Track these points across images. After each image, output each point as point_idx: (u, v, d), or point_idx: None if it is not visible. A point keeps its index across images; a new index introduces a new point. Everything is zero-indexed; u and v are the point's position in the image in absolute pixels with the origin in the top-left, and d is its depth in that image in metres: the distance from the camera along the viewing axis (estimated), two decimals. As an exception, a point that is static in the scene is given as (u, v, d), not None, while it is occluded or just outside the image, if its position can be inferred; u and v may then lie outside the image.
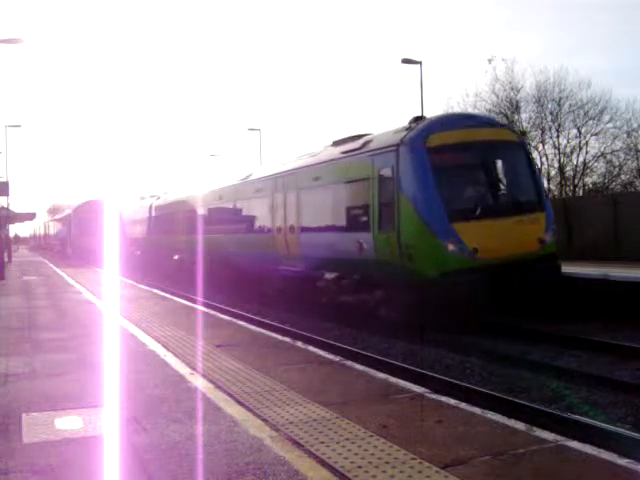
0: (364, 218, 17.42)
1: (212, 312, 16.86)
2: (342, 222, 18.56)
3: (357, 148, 18.07)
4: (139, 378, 8.71)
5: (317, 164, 20.14)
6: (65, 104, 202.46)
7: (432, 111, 40.18)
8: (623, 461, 5.35)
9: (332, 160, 19.33)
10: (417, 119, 17.48)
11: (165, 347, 11.05)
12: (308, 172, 20.44)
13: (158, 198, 40.10)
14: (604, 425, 8.65)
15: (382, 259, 16.46)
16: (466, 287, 14.90)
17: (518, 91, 44.52)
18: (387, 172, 16.47)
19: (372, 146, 17.47)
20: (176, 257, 33.42)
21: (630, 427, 8.79)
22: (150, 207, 40.44)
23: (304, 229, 20.35)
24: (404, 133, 16.47)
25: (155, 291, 23.76)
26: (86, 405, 7.37)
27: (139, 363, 9.74)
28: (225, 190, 27.91)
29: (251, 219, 24.92)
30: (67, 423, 6.70)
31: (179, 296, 22.11)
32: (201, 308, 17.82)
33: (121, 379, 8.45)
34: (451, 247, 15.36)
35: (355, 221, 18.04)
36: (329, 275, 18.95)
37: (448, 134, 16.29)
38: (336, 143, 20.22)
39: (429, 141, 15.99)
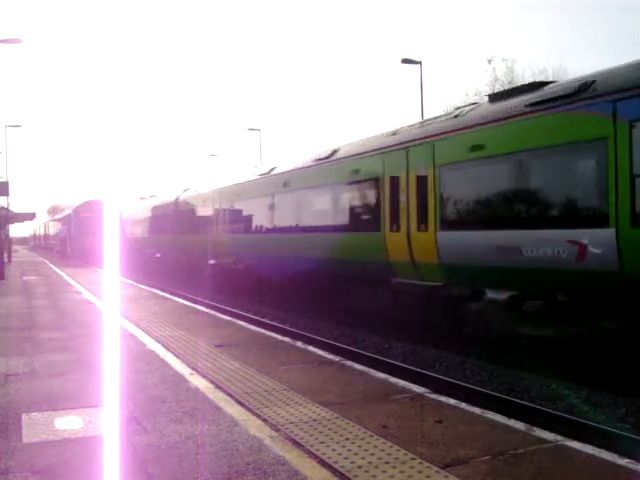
0: (590, 205, 11.34)
1: (212, 312, 16.88)
2: (534, 212, 12.38)
3: (566, 95, 11.54)
4: (139, 378, 8.70)
5: (473, 126, 13.48)
6: (65, 104, 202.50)
7: (432, 111, 40.04)
8: (623, 461, 5.37)
9: (508, 118, 12.69)
10: None
11: (165, 347, 11.05)
12: (456, 140, 13.90)
13: (186, 190, 33.98)
14: (604, 425, 8.66)
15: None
16: None
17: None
18: None
19: (609, 87, 10.91)
20: (212, 261, 27.77)
21: (630, 427, 8.79)
22: (175, 202, 34.36)
23: (448, 224, 14.01)
24: None
25: (155, 291, 23.77)
26: (86, 405, 7.37)
27: (139, 363, 9.74)
28: (292, 175, 21.08)
29: (337, 212, 18.60)
30: (67, 423, 6.69)
31: (179, 296, 22.13)
32: (201, 308, 17.83)
33: (121, 379, 8.44)
34: None
35: (565, 210, 11.83)
36: (495, 294, 13.27)
37: None
38: (496, 97, 14.00)
39: None
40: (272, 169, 23.04)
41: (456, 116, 14.47)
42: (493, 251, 12.67)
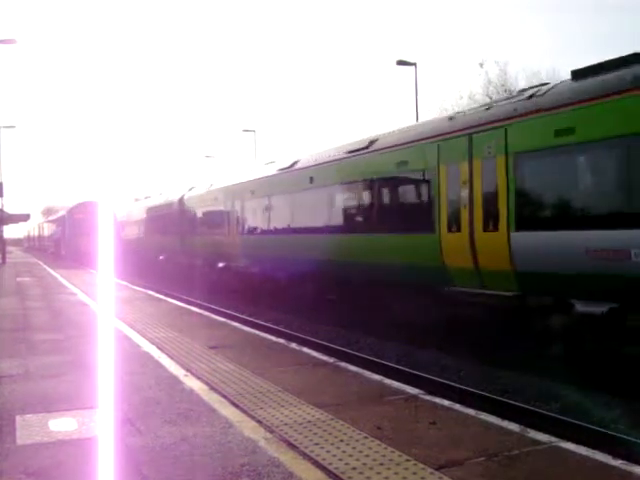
0: None
1: (206, 313, 16.87)
2: None
3: None
4: (134, 380, 8.70)
5: (560, 107, 11.31)
6: (60, 105, 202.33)
7: (425, 114, 40.06)
8: (617, 462, 5.39)
9: (609, 95, 10.51)
10: None
11: (160, 348, 11.04)
12: (538, 124, 11.67)
13: (191, 188, 31.63)
14: (598, 427, 8.68)
15: None
16: None
17: (511, 93, 44.49)
18: None
19: None
20: (222, 264, 25.81)
21: (624, 428, 8.81)
22: (180, 201, 31.98)
23: (526, 224, 11.72)
24: None
25: (150, 292, 23.74)
26: (80, 407, 7.35)
27: (134, 364, 9.73)
28: (320, 170, 18.62)
29: (376, 211, 16.26)
30: (61, 425, 6.68)
31: (174, 298, 22.10)
32: (195, 309, 17.82)
33: (115, 381, 8.42)
34: None
35: None
36: (588, 307, 10.79)
37: None
38: (580, 74, 11.57)
39: None
40: (294, 163, 20.60)
41: (531, 96, 12.20)
42: (589, 255, 10.53)
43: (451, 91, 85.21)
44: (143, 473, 5.31)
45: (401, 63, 35.61)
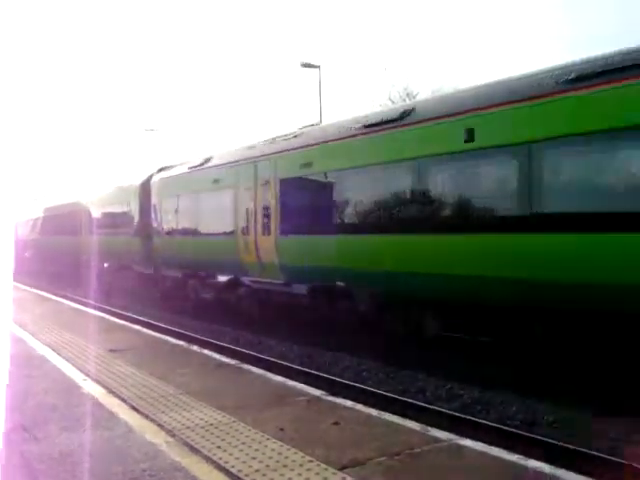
0: None
1: (106, 316, 16.52)
2: None
3: None
4: (28, 385, 8.42)
5: None
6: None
7: (329, 116, 40.25)
8: (513, 457, 5.57)
9: None
10: None
11: (56, 352, 10.74)
12: None
13: (162, 169, 23.08)
14: (495, 423, 8.93)
15: None
16: None
17: (414, 97, 45.43)
18: None
19: None
20: (223, 278, 18.97)
21: (519, 424, 9.09)
22: (143, 187, 23.71)
23: None
24: None
25: (45, 294, 23.05)
26: (-29, 414, 7.07)
27: (28, 369, 9.42)
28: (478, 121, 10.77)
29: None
30: (-50, 433, 6.41)
31: (70, 299, 21.52)
32: (94, 312, 17.40)
33: (9, 386, 8.15)
34: None
35: None
36: None
37: None
38: None
39: None
40: (406, 113, 12.48)
41: None
42: None
43: (356, 93, 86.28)
44: (39, 481, 5.15)
45: (305, 65, 35.85)
